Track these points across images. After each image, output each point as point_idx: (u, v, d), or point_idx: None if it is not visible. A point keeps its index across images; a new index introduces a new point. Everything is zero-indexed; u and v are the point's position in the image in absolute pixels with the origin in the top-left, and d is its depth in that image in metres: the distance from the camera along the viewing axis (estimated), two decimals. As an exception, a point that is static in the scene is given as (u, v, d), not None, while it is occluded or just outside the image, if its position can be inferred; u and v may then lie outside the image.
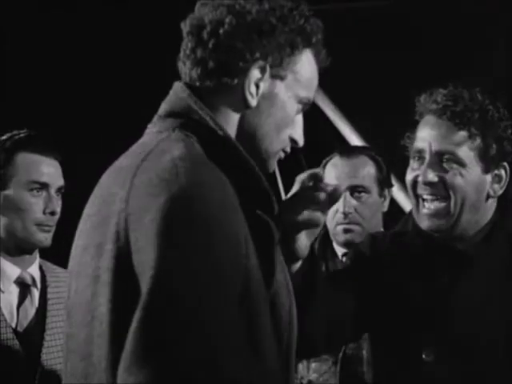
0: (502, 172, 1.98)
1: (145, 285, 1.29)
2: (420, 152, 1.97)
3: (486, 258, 1.96)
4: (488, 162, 1.94)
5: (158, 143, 1.45)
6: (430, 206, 1.95)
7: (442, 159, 1.94)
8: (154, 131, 1.52)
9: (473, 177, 1.94)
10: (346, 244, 2.74)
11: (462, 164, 1.93)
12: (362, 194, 2.71)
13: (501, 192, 1.99)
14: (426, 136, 1.96)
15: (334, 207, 2.69)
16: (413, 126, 2.02)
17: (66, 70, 3.85)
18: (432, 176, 1.93)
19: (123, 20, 3.90)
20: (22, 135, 2.33)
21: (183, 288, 1.29)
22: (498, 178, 1.98)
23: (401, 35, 3.92)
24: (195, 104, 1.50)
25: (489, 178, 1.96)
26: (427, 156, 1.95)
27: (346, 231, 2.71)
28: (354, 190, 2.71)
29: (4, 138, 2.32)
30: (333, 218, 2.73)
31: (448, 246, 1.99)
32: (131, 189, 1.38)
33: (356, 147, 3.35)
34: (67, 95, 3.85)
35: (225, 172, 1.41)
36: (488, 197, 1.98)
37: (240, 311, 1.35)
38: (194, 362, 1.26)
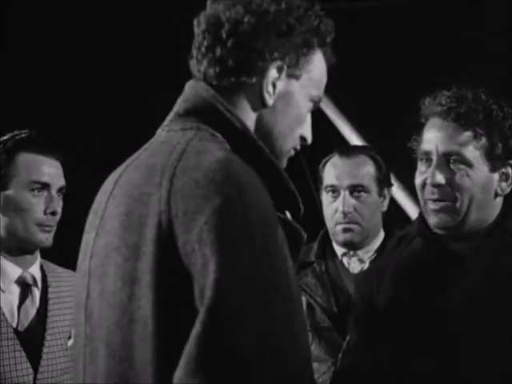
0: (509, 170, 1.99)
1: (206, 288, 1.29)
2: (427, 154, 1.99)
3: (483, 258, 1.96)
4: (494, 161, 1.96)
5: (188, 142, 1.44)
6: (437, 203, 1.96)
7: (449, 160, 1.95)
8: (175, 129, 1.51)
9: (480, 177, 1.95)
10: (345, 243, 2.73)
11: (468, 164, 1.94)
12: (362, 193, 2.70)
13: (508, 190, 2.01)
14: (432, 138, 1.98)
15: (334, 207, 2.71)
16: (419, 128, 2.04)
17: (67, 70, 3.85)
18: (440, 178, 1.95)
19: (122, 22, 3.90)
20: (22, 135, 2.31)
21: (248, 291, 1.29)
22: (505, 177, 1.99)
23: (402, 35, 3.92)
24: (221, 105, 1.50)
25: (496, 176, 1.98)
26: (434, 158, 1.97)
27: (345, 231, 2.70)
28: (354, 189, 2.69)
29: (5, 138, 2.31)
30: (332, 217, 2.72)
31: (445, 245, 2.00)
32: (172, 189, 1.37)
33: (355, 146, 3.34)
34: (68, 95, 3.86)
35: None
36: (496, 195, 1.99)
37: (295, 311, 1.37)
38: (265, 366, 1.27)
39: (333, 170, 2.72)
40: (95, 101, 3.88)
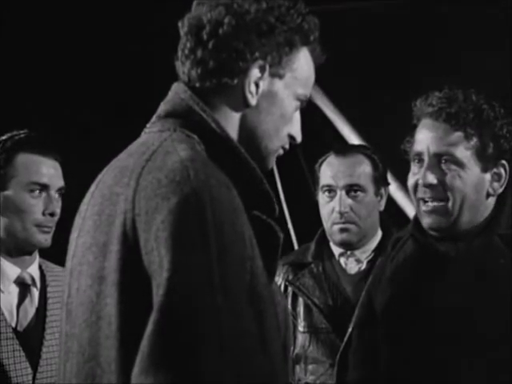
0: (502, 170, 2.00)
1: (160, 287, 1.30)
2: (419, 155, 2.00)
3: (470, 259, 1.97)
4: (486, 161, 1.97)
5: (161, 143, 1.45)
6: (429, 204, 1.98)
7: (440, 160, 1.96)
8: (154, 131, 1.52)
9: (471, 177, 1.96)
10: (342, 244, 2.72)
11: (460, 164, 1.95)
12: (358, 192, 2.68)
13: (501, 190, 2.01)
14: (423, 139, 1.99)
15: (330, 206, 2.70)
16: (412, 129, 2.05)
17: (68, 70, 3.86)
18: (431, 178, 1.96)
19: (122, 22, 3.91)
20: (22, 135, 2.31)
21: (199, 290, 1.29)
22: (497, 177, 2.00)
23: (401, 35, 3.92)
24: (197, 105, 1.51)
25: (488, 176, 1.99)
26: (426, 158, 1.98)
27: (342, 231, 2.69)
28: (350, 188, 2.68)
29: (4, 138, 2.31)
30: (329, 217, 2.71)
31: (434, 247, 2.01)
32: (137, 189, 1.39)
33: (352, 146, 3.32)
34: (68, 95, 3.87)
35: (226, 173, 1.42)
36: (488, 195, 2.00)
37: (252, 312, 1.36)
38: (212, 364, 1.27)
39: (329, 170, 2.71)
40: (95, 101, 3.89)
